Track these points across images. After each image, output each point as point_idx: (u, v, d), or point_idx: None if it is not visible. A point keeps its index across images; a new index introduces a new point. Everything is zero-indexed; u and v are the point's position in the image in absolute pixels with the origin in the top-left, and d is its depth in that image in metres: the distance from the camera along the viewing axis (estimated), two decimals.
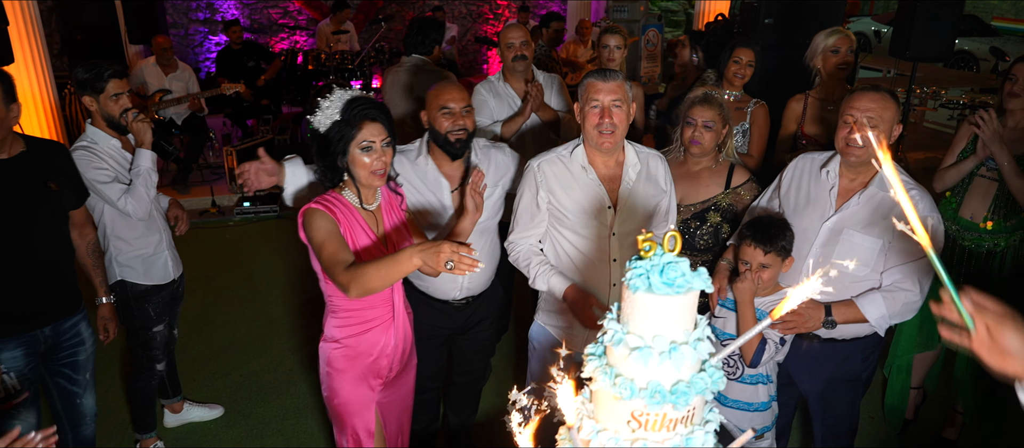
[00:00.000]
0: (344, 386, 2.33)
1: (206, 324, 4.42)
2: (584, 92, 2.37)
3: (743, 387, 2.49)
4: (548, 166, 2.47)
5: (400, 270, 1.90)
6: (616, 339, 1.26)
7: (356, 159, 2.14)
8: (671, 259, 1.23)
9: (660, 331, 1.22)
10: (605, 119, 2.31)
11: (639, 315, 1.23)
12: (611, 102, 2.31)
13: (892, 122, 2.31)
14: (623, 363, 1.25)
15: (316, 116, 2.14)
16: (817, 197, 2.47)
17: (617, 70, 2.40)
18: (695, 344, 1.24)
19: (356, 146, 2.12)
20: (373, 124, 2.13)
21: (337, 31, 8.36)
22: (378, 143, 2.14)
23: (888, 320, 2.34)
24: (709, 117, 2.69)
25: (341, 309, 2.27)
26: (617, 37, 3.70)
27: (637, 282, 1.22)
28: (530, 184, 2.48)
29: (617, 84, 2.31)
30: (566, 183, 2.44)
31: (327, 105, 2.13)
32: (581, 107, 2.39)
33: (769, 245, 2.34)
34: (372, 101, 2.17)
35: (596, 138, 2.35)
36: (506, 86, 3.57)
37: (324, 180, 2.24)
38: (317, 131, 2.16)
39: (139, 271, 3.02)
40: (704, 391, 1.25)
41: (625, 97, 2.33)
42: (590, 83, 2.34)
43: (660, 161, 2.54)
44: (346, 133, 2.11)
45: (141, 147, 2.92)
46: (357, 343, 2.29)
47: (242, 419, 3.52)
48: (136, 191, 2.87)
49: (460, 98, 2.59)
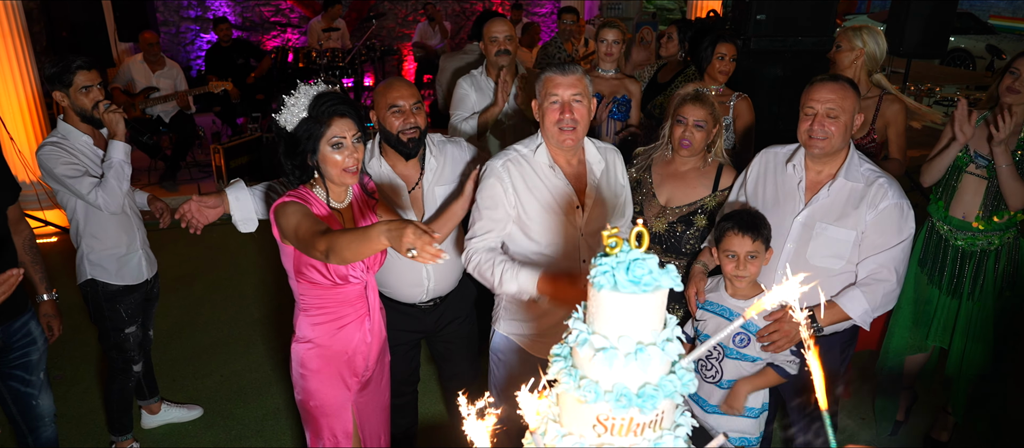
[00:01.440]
0: (320, 387, 2.26)
1: (188, 324, 4.36)
2: (542, 87, 2.25)
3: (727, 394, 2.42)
4: (513, 167, 2.32)
5: (370, 245, 1.82)
6: (581, 340, 1.20)
7: (327, 157, 2.07)
8: (638, 256, 1.17)
9: (626, 331, 1.16)
10: (565, 115, 2.21)
11: (604, 315, 1.17)
12: (571, 97, 2.21)
13: (853, 112, 2.27)
14: (588, 365, 1.19)
15: (282, 114, 2.07)
16: (785, 192, 2.43)
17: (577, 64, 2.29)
18: (663, 345, 1.18)
19: (326, 143, 2.05)
20: (343, 120, 2.06)
21: (328, 29, 8.29)
22: (349, 139, 2.07)
23: (872, 314, 2.29)
24: (700, 116, 2.60)
25: (313, 306, 2.20)
26: (615, 31, 3.62)
27: (602, 280, 1.17)
28: (494, 185, 2.31)
29: (577, 78, 2.21)
30: (532, 184, 2.32)
31: (293, 102, 2.06)
32: (539, 103, 2.28)
33: (755, 233, 2.28)
34: (340, 96, 2.09)
35: (557, 135, 2.24)
36: (488, 80, 3.52)
37: (293, 180, 2.16)
38: (284, 130, 2.08)
39: (111, 271, 2.94)
40: (673, 394, 1.19)
41: (586, 91, 2.24)
42: (549, 77, 2.23)
43: (617, 155, 2.48)
44: (315, 130, 2.04)
45: (114, 139, 2.83)
46: (331, 341, 2.22)
47: (221, 420, 3.46)
48: (108, 184, 2.79)
49: (409, 94, 2.50)
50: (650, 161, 2.74)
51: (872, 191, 2.28)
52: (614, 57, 3.64)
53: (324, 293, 2.18)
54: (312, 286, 2.17)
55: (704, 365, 2.41)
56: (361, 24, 9.29)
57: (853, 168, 2.33)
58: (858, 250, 2.31)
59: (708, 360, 2.41)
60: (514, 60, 3.51)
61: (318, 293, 2.18)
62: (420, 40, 9.00)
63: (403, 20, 10.21)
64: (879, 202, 2.26)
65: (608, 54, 3.63)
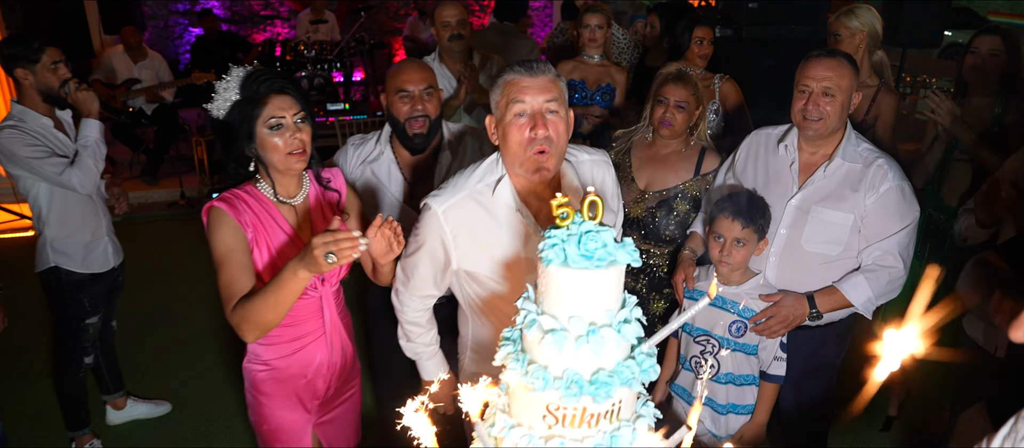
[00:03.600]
0: (275, 412, 2.01)
1: (163, 318, 4.25)
2: (502, 94, 1.65)
3: (731, 390, 2.28)
4: (458, 214, 1.73)
5: (289, 291, 1.61)
6: (529, 321, 1.10)
7: (265, 141, 1.78)
8: (591, 228, 1.06)
9: (577, 312, 1.05)
10: (538, 130, 1.61)
11: (554, 293, 1.07)
12: (544, 105, 1.62)
13: (850, 91, 2.13)
14: (536, 349, 1.08)
15: (214, 102, 1.79)
16: (777, 174, 2.30)
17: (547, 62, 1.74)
18: (619, 327, 1.07)
19: (263, 125, 1.77)
20: (281, 96, 1.78)
21: (316, 21, 8.18)
22: (289, 118, 1.79)
23: (875, 302, 2.16)
24: (682, 96, 2.48)
25: None
26: (599, 16, 3.50)
27: (550, 254, 1.06)
28: (432, 243, 1.76)
29: (549, 80, 1.64)
30: (485, 237, 1.73)
31: (224, 86, 1.79)
32: (498, 117, 1.68)
33: (748, 220, 2.16)
34: (274, 72, 1.83)
35: (529, 163, 1.64)
36: (442, 67, 3.38)
37: (236, 178, 1.88)
38: (217, 120, 1.80)
39: (76, 259, 2.82)
40: (630, 382, 1.08)
41: (562, 97, 1.66)
42: (511, 81, 1.63)
43: (603, 167, 1.93)
44: (249, 112, 1.76)
45: (89, 117, 2.73)
46: (288, 364, 1.97)
47: (189, 416, 3.35)
48: (83, 163, 2.68)
49: (420, 78, 2.27)
50: (630, 144, 2.63)
51: (871, 173, 2.14)
52: (598, 42, 3.53)
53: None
54: None
55: (698, 360, 2.29)
56: (351, 17, 9.18)
57: (850, 148, 2.19)
58: (858, 236, 2.18)
59: (702, 354, 2.28)
60: (468, 46, 3.39)
61: None
62: (411, 34, 8.88)
63: (394, 13, 10.08)
64: (879, 184, 2.12)
65: (592, 39, 3.51)
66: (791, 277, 2.23)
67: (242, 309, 1.69)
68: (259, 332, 1.72)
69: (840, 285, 2.17)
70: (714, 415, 2.29)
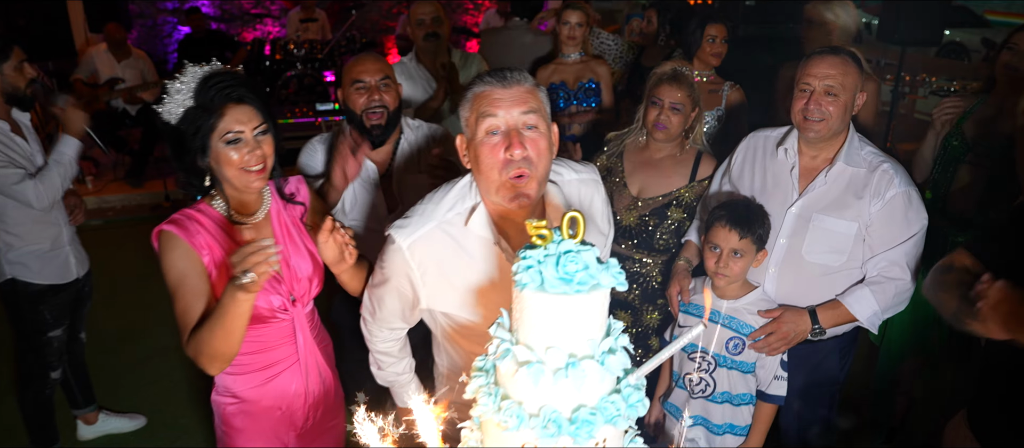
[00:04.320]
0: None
1: (141, 327, 4.12)
2: (471, 108, 1.45)
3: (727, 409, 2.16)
4: (426, 247, 1.52)
5: (233, 316, 1.48)
6: (502, 351, 0.98)
7: (221, 155, 1.63)
8: (570, 248, 0.95)
9: (556, 342, 0.94)
10: (515, 150, 1.39)
11: (529, 321, 0.95)
12: (520, 120, 1.41)
13: (854, 90, 2.01)
14: (510, 382, 0.97)
15: (165, 104, 1.62)
16: (776, 180, 2.18)
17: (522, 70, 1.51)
18: (603, 358, 0.95)
19: (219, 139, 1.61)
20: (239, 107, 1.62)
21: (306, 19, 8.06)
22: (248, 132, 1.63)
23: (881, 316, 2.05)
24: (677, 98, 2.35)
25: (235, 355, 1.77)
26: (578, 13, 3.38)
27: (525, 277, 0.94)
28: (398, 280, 1.57)
29: (526, 90, 1.43)
30: (459, 273, 1.53)
31: (178, 88, 1.61)
32: (470, 136, 1.47)
33: (746, 229, 2.04)
34: (237, 77, 1.66)
35: (505, 190, 1.43)
36: (420, 67, 3.26)
37: (188, 188, 1.72)
38: (168, 124, 1.64)
39: (33, 269, 2.67)
40: (615, 419, 0.96)
41: (542, 110, 1.46)
42: (480, 94, 1.43)
43: (592, 185, 1.73)
44: (203, 122, 1.60)
45: (69, 135, 2.61)
46: (259, 396, 1.80)
47: (164, 429, 3.22)
48: (49, 178, 2.55)
49: (376, 69, 2.20)
50: (622, 147, 2.51)
51: (875, 178, 2.02)
52: (577, 40, 3.40)
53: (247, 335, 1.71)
54: None
55: (693, 379, 2.17)
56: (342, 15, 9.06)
57: (853, 151, 2.07)
58: (862, 245, 2.07)
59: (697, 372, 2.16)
60: (444, 46, 3.27)
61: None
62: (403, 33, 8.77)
63: (387, 12, 9.96)
64: (885, 191, 2.01)
65: (571, 37, 3.38)
66: (791, 289, 2.11)
67: (195, 341, 1.56)
68: (220, 362, 1.59)
69: (844, 299, 2.06)
70: (709, 435, 2.17)
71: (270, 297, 1.73)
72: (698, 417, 2.19)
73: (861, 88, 2.05)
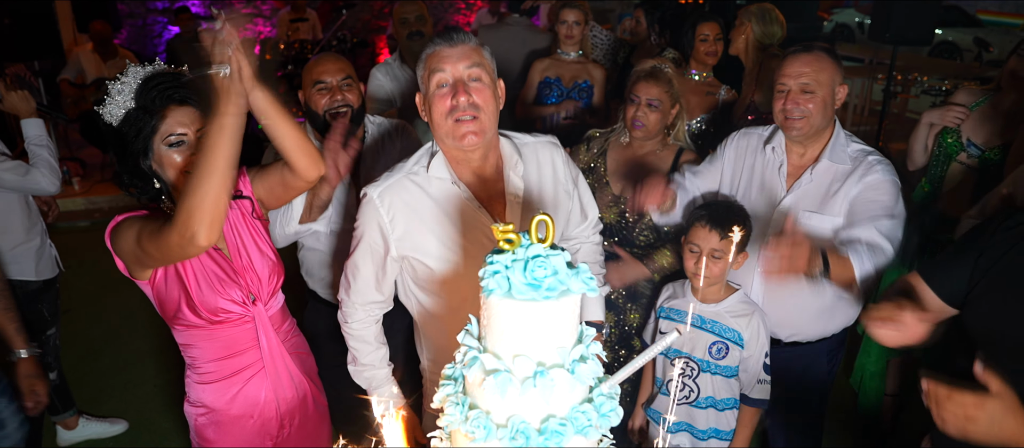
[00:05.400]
0: None
1: (126, 331, 4.07)
2: (425, 66, 1.61)
3: (711, 414, 2.12)
4: (394, 195, 1.65)
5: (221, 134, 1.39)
6: (470, 359, 0.95)
7: (165, 159, 1.59)
8: (539, 252, 0.91)
9: (524, 350, 0.91)
10: (460, 97, 1.55)
11: (497, 328, 0.92)
12: (466, 73, 1.57)
13: (832, 85, 2.00)
14: (478, 392, 0.93)
15: (106, 106, 1.58)
16: (765, 179, 2.15)
17: (469, 33, 1.66)
18: (574, 367, 0.92)
19: (161, 142, 1.58)
20: (181, 109, 1.59)
21: (296, 19, 8.01)
22: (192, 134, 1.59)
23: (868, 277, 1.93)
24: (654, 94, 2.33)
25: (199, 363, 1.74)
26: (576, 12, 3.37)
27: (492, 283, 0.91)
28: (371, 233, 1.67)
29: (471, 47, 1.60)
30: (423, 215, 1.65)
31: (119, 89, 1.57)
32: (424, 90, 1.63)
33: (726, 230, 2.00)
34: (177, 77, 1.61)
35: (454, 131, 1.57)
36: (404, 67, 3.24)
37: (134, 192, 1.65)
38: (110, 126, 1.59)
39: (29, 266, 2.66)
40: (586, 430, 0.93)
41: (487, 66, 1.62)
42: (432, 54, 1.59)
43: (550, 148, 1.82)
44: (145, 124, 1.57)
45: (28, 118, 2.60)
46: (230, 405, 1.75)
47: (146, 433, 3.18)
48: (45, 162, 2.58)
49: (337, 69, 2.18)
50: (606, 146, 2.48)
51: (860, 170, 2.01)
52: (575, 39, 3.39)
53: (206, 339, 1.71)
54: (188, 331, 1.70)
55: (676, 385, 2.13)
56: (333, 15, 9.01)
57: (838, 148, 2.05)
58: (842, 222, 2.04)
59: (680, 378, 2.12)
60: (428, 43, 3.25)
61: (200, 340, 1.71)
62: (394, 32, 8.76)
63: (378, 12, 9.92)
64: (867, 175, 1.99)
65: (569, 36, 3.37)
66: (776, 291, 2.08)
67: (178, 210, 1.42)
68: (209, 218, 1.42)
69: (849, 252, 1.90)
70: (694, 440, 2.14)
71: (228, 294, 1.67)
72: (683, 423, 2.15)
73: (841, 81, 2.03)
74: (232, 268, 1.70)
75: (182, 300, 1.63)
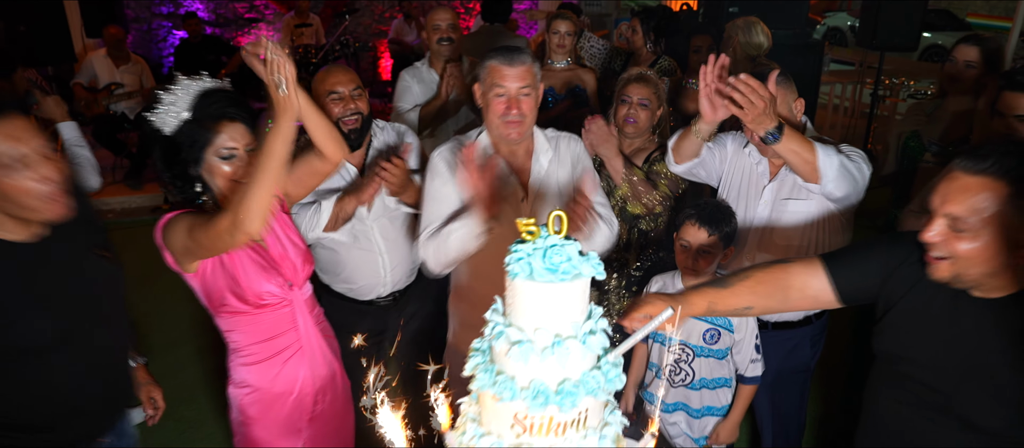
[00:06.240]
0: (264, 437, 1.97)
1: (146, 328, 4.23)
2: (487, 76, 2.08)
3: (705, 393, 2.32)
4: (453, 156, 2.15)
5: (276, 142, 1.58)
6: (497, 333, 1.12)
7: (214, 168, 1.76)
8: (556, 242, 1.09)
9: (543, 323, 1.08)
10: (512, 110, 2.04)
11: (520, 306, 1.10)
12: (519, 90, 2.05)
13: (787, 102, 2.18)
14: (504, 360, 1.11)
15: (157, 114, 1.72)
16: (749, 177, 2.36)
17: (525, 50, 2.10)
18: (585, 338, 1.10)
19: (213, 154, 1.75)
20: (233, 125, 1.75)
21: (300, 24, 8.17)
22: (242, 149, 1.77)
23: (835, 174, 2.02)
24: (644, 95, 2.60)
25: (243, 345, 1.92)
26: (567, 23, 3.56)
27: (516, 268, 1.09)
28: (440, 173, 2.14)
29: (525, 68, 2.05)
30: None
31: (172, 100, 1.72)
32: (483, 92, 2.11)
33: (713, 227, 2.20)
34: (230, 94, 1.78)
35: (502, 129, 2.08)
36: (431, 71, 3.44)
37: (173, 192, 1.82)
38: (160, 132, 1.73)
39: None
40: (596, 391, 1.11)
41: (534, 82, 2.09)
42: (494, 68, 2.06)
43: (573, 141, 2.29)
44: (200, 137, 1.72)
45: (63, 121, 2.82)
46: (272, 384, 1.94)
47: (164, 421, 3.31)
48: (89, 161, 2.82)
49: (348, 80, 2.37)
50: None
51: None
52: (566, 49, 3.57)
53: (250, 324, 1.89)
54: (233, 317, 1.88)
55: (673, 368, 2.33)
56: (336, 20, 9.18)
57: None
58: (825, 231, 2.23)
59: (677, 363, 2.32)
60: (458, 50, 3.44)
61: (244, 326, 1.89)
62: (396, 37, 8.89)
63: (379, 17, 10.09)
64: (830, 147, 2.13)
65: (560, 46, 3.56)
66: None
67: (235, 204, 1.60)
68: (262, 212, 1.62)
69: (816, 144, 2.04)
70: (689, 419, 2.33)
71: (268, 284, 1.85)
72: (679, 403, 2.34)
73: (796, 97, 2.21)
74: (270, 257, 1.89)
75: (228, 289, 1.81)
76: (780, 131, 1.96)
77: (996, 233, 1.29)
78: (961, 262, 1.34)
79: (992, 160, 1.29)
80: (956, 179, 1.34)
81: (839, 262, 1.62)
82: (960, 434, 1.41)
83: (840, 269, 1.61)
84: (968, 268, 1.34)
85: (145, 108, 1.80)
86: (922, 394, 1.46)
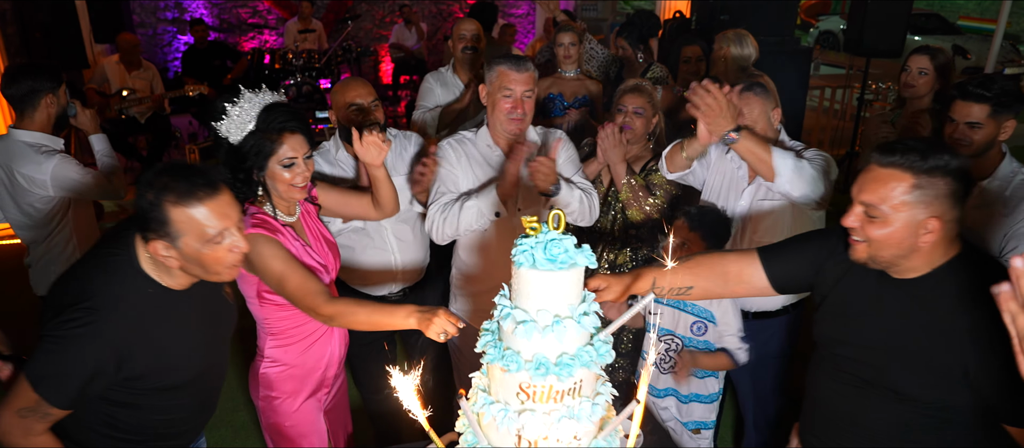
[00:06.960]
0: (294, 407, 2.18)
1: None
2: (495, 78, 2.40)
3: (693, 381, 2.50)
4: (458, 145, 2.52)
5: (391, 323, 1.82)
6: (504, 314, 1.32)
7: (276, 175, 1.95)
8: (555, 236, 1.28)
9: (544, 306, 1.28)
10: (517, 110, 2.38)
11: (525, 290, 1.29)
12: (523, 93, 2.38)
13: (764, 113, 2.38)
14: (510, 337, 1.30)
15: (224, 123, 1.89)
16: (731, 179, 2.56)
17: (529, 58, 2.42)
18: (579, 318, 1.29)
19: (276, 162, 1.93)
20: (294, 137, 1.93)
21: (304, 30, 8.35)
22: (300, 158, 1.95)
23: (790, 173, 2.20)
24: (639, 104, 2.76)
25: (281, 330, 2.11)
26: (571, 34, 3.74)
27: (522, 258, 1.28)
28: (448, 159, 2.51)
29: (529, 74, 2.39)
30: (474, 160, 2.51)
31: (238, 112, 1.88)
32: (490, 92, 2.42)
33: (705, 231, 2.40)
34: (290, 108, 1.95)
35: (507, 124, 2.42)
36: (454, 77, 3.65)
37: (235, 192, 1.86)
38: (226, 140, 1.91)
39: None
40: (590, 364, 1.30)
41: (534, 86, 2.43)
42: (503, 72, 2.37)
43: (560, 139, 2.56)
44: (264, 147, 1.90)
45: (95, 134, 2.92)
46: (302, 360, 2.16)
47: None
48: (115, 170, 2.90)
49: (367, 93, 2.54)
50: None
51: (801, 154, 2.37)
52: (573, 59, 3.76)
53: (292, 314, 2.07)
54: (278, 309, 2.06)
55: (663, 358, 2.52)
56: (338, 25, 9.36)
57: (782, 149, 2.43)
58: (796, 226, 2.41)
59: (666, 353, 2.52)
60: (480, 60, 3.63)
61: (284, 315, 2.08)
62: (397, 41, 9.07)
63: (380, 21, 10.27)
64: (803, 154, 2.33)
65: (567, 56, 3.75)
66: None
67: (340, 306, 1.88)
68: (342, 324, 1.94)
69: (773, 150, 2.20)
70: (679, 404, 2.53)
71: (322, 279, 2.05)
72: (669, 389, 2.53)
73: (774, 106, 2.42)
74: (317, 257, 2.09)
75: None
76: (738, 132, 2.17)
77: (903, 219, 1.46)
78: (875, 245, 1.51)
79: (899, 154, 1.46)
80: (870, 171, 1.51)
81: (774, 255, 1.79)
82: (896, 405, 1.57)
83: (774, 261, 1.78)
84: (880, 250, 1.51)
85: (212, 117, 1.92)
86: (859, 372, 1.63)
